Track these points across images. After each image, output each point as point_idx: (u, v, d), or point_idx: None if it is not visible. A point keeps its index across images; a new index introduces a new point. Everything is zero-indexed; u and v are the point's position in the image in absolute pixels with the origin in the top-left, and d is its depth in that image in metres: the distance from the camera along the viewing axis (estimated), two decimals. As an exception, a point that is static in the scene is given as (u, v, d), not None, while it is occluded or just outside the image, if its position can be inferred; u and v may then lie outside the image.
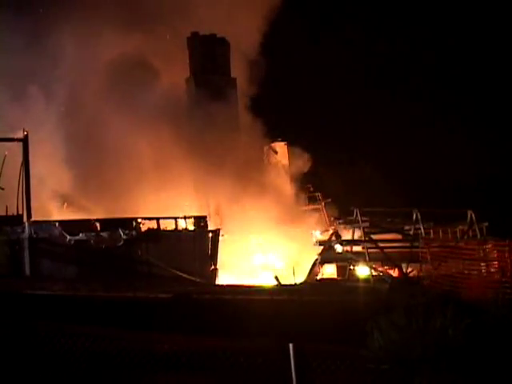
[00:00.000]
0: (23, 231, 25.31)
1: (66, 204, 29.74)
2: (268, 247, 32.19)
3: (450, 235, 27.52)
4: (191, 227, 27.40)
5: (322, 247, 28.49)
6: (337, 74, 41.78)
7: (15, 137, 26.35)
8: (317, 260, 28.17)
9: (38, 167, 27.30)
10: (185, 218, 27.31)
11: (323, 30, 42.85)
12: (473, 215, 27.15)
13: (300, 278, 28.42)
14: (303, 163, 36.00)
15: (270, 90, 39.71)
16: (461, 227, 27.73)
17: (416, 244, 25.41)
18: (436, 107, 44.50)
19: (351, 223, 27.82)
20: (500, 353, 6.34)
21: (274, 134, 36.63)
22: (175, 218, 27.14)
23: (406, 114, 41.84)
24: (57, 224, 25.68)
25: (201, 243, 27.14)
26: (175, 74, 35.40)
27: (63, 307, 16.45)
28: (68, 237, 25.48)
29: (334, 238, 29.08)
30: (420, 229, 26.45)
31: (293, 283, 27.12)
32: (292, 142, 36.65)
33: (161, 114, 32.30)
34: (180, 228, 27.10)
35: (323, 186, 36.18)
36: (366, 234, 26.89)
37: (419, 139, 42.56)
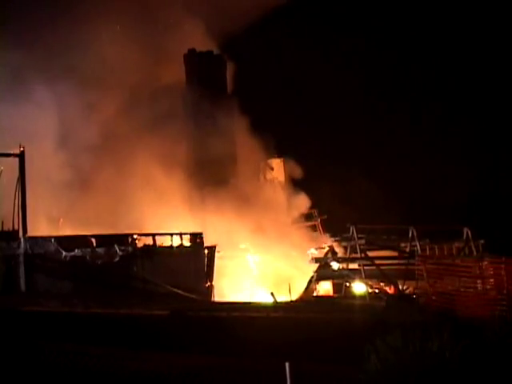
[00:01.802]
0: (19, 247, 25.22)
1: (61, 220, 29.66)
2: (263, 264, 32.12)
3: (446, 252, 27.58)
4: (187, 243, 27.32)
5: (317, 264, 28.46)
6: (333, 90, 41.87)
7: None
8: (313, 277, 28.15)
9: (35, 182, 27.18)
10: (181, 234, 27.22)
11: (319, 43, 42.93)
12: (469, 232, 27.23)
13: (296, 294, 28.37)
14: (299, 180, 36.01)
15: (266, 105, 39.80)
16: (457, 244, 27.79)
17: (412, 261, 25.42)
18: (433, 124, 44.60)
19: (347, 240, 27.82)
20: (496, 375, 6.33)
21: (270, 151, 36.63)
22: (171, 234, 27.05)
23: (403, 130, 41.94)
24: (53, 240, 25.58)
25: (197, 260, 27.03)
26: (172, 90, 35.42)
27: (59, 324, 16.38)
28: (64, 253, 25.39)
29: (329, 255, 29.10)
30: (416, 246, 26.47)
31: (289, 300, 27.08)
32: (288, 158, 36.63)
33: (157, 129, 32.34)
34: (176, 244, 27.02)
35: (319, 203, 36.14)
36: (361, 251, 26.89)
37: (416, 156, 42.62)
